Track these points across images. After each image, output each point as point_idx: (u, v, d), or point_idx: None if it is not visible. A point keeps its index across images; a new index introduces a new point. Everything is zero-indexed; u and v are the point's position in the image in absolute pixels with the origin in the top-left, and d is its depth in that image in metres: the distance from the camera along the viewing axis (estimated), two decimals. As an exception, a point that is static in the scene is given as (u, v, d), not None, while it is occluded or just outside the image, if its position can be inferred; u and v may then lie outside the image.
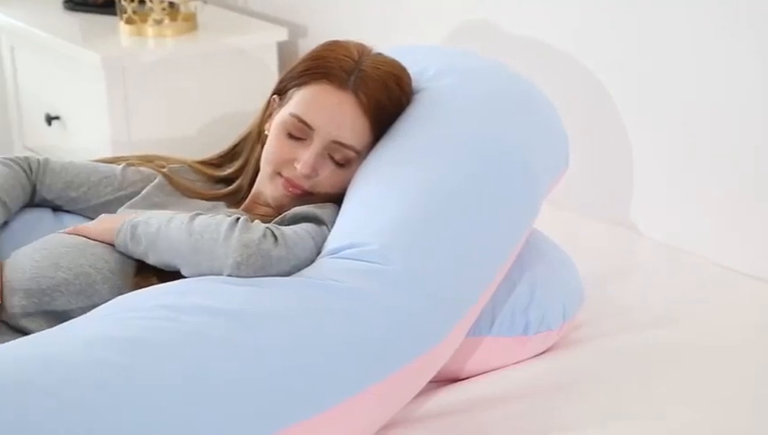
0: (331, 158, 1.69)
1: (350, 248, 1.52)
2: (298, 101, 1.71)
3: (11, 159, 1.80)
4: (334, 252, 1.54)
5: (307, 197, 1.70)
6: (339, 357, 1.39)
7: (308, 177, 1.69)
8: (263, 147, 1.77)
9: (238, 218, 1.55)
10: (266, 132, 1.76)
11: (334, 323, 1.41)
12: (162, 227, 1.56)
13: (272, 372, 1.34)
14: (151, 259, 1.57)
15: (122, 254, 1.60)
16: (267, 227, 1.53)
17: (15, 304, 1.56)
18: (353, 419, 1.41)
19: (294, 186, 1.70)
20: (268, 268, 1.49)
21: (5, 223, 1.75)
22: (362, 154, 1.70)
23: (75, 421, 1.22)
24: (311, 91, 1.70)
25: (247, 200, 1.78)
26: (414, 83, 1.77)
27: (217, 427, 1.28)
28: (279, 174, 1.71)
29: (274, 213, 1.70)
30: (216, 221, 1.55)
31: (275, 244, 1.51)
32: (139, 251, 1.58)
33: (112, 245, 1.61)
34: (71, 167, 1.81)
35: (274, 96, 1.77)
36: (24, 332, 1.55)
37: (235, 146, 1.86)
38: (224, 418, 1.29)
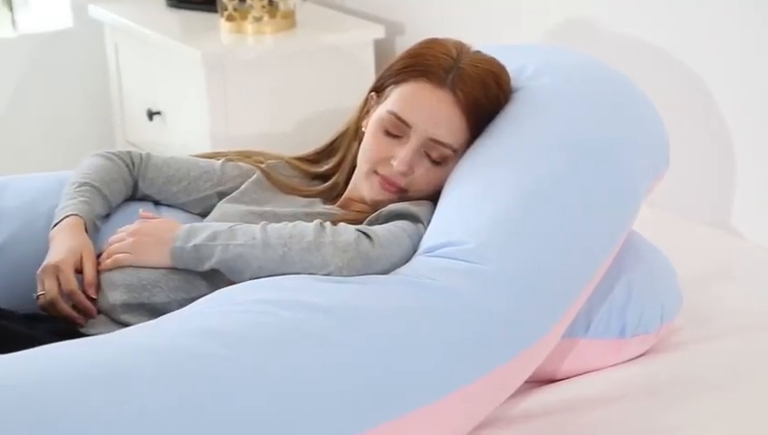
0: (428, 156, 1.69)
1: (446, 247, 1.52)
2: (396, 98, 1.71)
3: (114, 154, 1.83)
4: (430, 250, 1.54)
5: (402, 194, 1.70)
6: (432, 356, 1.39)
7: (404, 174, 1.69)
8: (359, 144, 1.77)
9: (322, 223, 1.55)
10: (363, 129, 1.77)
11: (429, 321, 1.41)
12: (230, 245, 1.55)
13: (365, 369, 1.35)
14: (225, 272, 1.56)
15: None
16: (357, 229, 1.54)
17: (117, 297, 1.60)
18: (444, 419, 1.40)
19: (390, 183, 1.70)
20: (367, 269, 1.50)
21: (107, 216, 1.79)
22: (459, 152, 1.70)
23: (176, 411, 1.24)
24: (408, 89, 1.70)
25: (343, 197, 1.78)
26: (513, 82, 1.75)
27: (310, 423, 1.29)
28: (375, 172, 1.71)
29: (370, 210, 1.71)
30: (298, 230, 1.54)
31: (371, 244, 1.52)
32: (208, 268, 1.56)
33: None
34: (172, 162, 1.84)
35: (372, 93, 1.78)
36: (124, 325, 1.58)
37: (332, 142, 1.86)
38: (316, 414, 1.30)
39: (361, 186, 1.74)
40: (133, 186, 1.83)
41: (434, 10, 2.73)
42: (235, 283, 1.54)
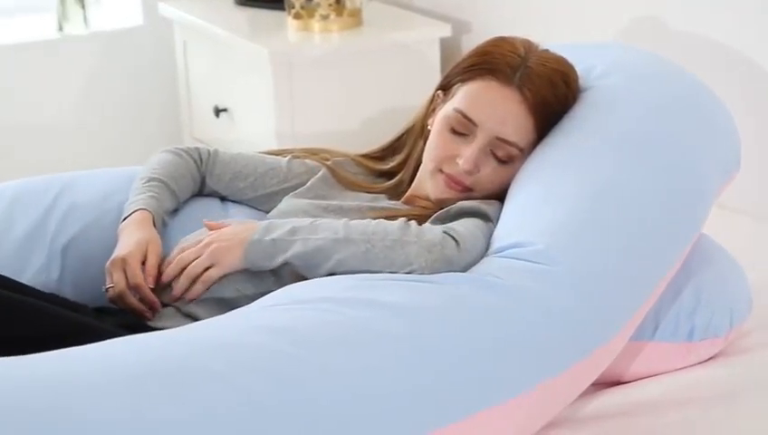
0: (494, 154, 1.68)
1: (514, 248, 1.51)
2: (462, 96, 1.70)
3: (182, 150, 1.85)
4: (499, 251, 1.53)
5: (468, 193, 1.70)
6: (500, 357, 1.38)
7: (469, 173, 1.68)
8: (425, 142, 1.77)
9: (406, 221, 1.55)
10: (429, 127, 1.77)
11: (497, 322, 1.41)
12: (311, 239, 1.55)
13: (431, 370, 1.34)
14: (302, 266, 1.56)
15: None
16: (443, 229, 1.53)
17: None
18: (511, 420, 1.40)
19: (456, 182, 1.69)
20: (448, 271, 1.50)
21: (175, 211, 1.80)
22: (525, 152, 1.69)
23: (244, 409, 1.25)
24: (475, 87, 1.69)
25: (407, 194, 1.78)
26: (581, 81, 1.74)
27: (376, 423, 1.29)
28: (440, 171, 1.70)
29: (435, 207, 1.71)
30: (382, 227, 1.54)
31: (457, 247, 1.51)
32: (280, 263, 1.56)
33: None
34: (239, 158, 1.85)
35: (438, 91, 1.78)
36: (192, 317, 1.59)
37: (398, 139, 1.86)
38: (383, 414, 1.29)
39: (426, 184, 1.73)
40: (201, 181, 1.85)
41: (501, 8, 2.72)
42: (304, 278, 1.55)
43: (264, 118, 2.71)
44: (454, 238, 1.52)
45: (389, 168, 1.85)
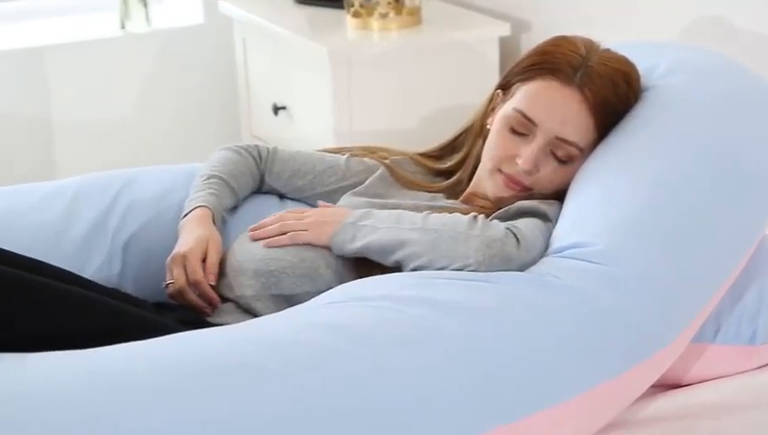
0: (554, 154, 1.67)
1: (574, 248, 1.50)
2: (522, 96, 1.69)
3: (242, 147, 1.86)
4: (558, 251, 1.52)
5: (526, 193, 1.69)
6: (558, 358, 1.38)
7: (529, 173, 1.67)
8: (484, 141, 1.76)
9: (476, 216, 1.55)
10: (488, 127, 1.76)
11: (555, 323, 1.40)
12: (393, 227, 1.57)
13: (487, 369, 1.34)
14: (372, 254, 1.58)
15: None
16: (507, 227, 1.53)
17: (244, 284, 1.62)
18: (568, 422, 1.39)
19: (515, 182, 1.68)
20: (506, 269, 1.49)
21: (234, 209, 1.82)
22: (585, 152, 1.67)
23: (298, 407, 1.25)
24: (535, 87, 1.68)
25: (466, 193, 1.78)
26: (643, 81, 1.72)
27: (431, 422, 1.29)
28: (499, 170, 1.70)
29: (493, 207, 1.70)
30: (453, 219, 1.55)
31: (517, 246, 1.51)
32: (358, 247, 1.58)
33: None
34: (298, 156, 1.86)
35: (498, 91, 1.77)
36: (252, 313, 1.61)
37: (456, 138, 1.86)
38: (438, 413, 1.29)
39: (485, 183, 1.73)
40: (260, 179, 1.86)
41: (561, 7, 2.70)
42: (362, 276, 1.56)
43: (322, 116, 2.72)
44: (516, 236, 1.52)
45: (448, 167, 1.85)
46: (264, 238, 1.64)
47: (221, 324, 1.55)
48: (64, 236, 1.77)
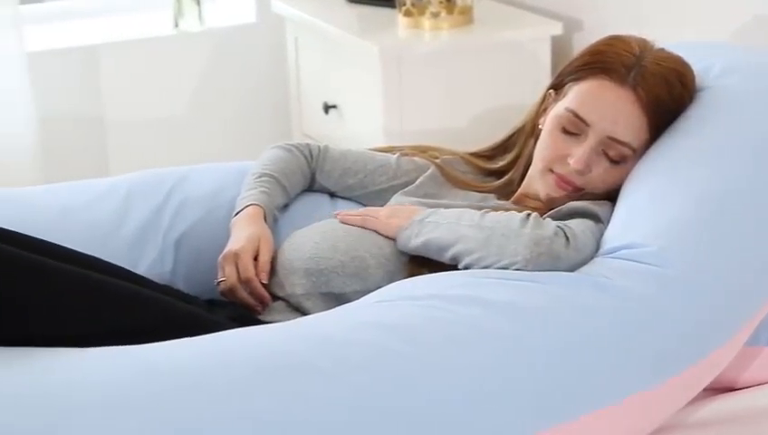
0: (606, 155, 1.66)
1: (626, 249, 1.49)
2: (574, 96, 1.68)
3: (293, 146, 1.87)
4: (610, 252, 1.51)
5: (578, 194, 1.68)
6: (609, 359, 1.37)
7: (581, 173, 1.66)
8: (536, 141, 1.75)
9: (529, 214, 1.55)
10: (540, 127, 1.75)
11: (606, 324, 1.39)
12: (453, 223, 1.58)
13: (540, 369, 1.34)
14: (430, 252, 1.59)
15: None
16: (558, 226, 1.52)
17: (295, 282, 1.63)
18: (619, 424, 1.38)
19: (566, 182, 1.68)
20: (553, 268, 1.49)
21: (285, 207, 1.82)
22: (638, 152, 1.66)
23: (348, 406, 1.25)
24: (588, 86, 1.67)
25: (517, 193, 1.77)
26: (698, 81, 1.70)
27: (485, 422, 1.29)
28: (551, 170, 1.69)
29: (545, 207, 1.69)
30: (508, 217, 1.55)
31: (566, 245, 1.50)
32: (419, 243, 1.60)
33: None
34: (349, 154, 1.87)
35: (550, 91, 1.76)
36: (302, 312, 1.61)
37: (508, 139, 1.85)
38: (492, 413, 1.29)
39: (537, 184, 1.72)
40: (311, 177, 1.86)
41: (614, 6, 2.68)
42: (413, 273, 1.56)
43: (372, 115, 2.72)
44: (566, 235, 1.51)
45: (499, 167, 1.84)
46: (346, 219, 1.69)
47: (271, 322, 1.56)
48: (117, 232, 1.78)
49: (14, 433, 1.17)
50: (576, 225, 1.55)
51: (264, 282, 1.64)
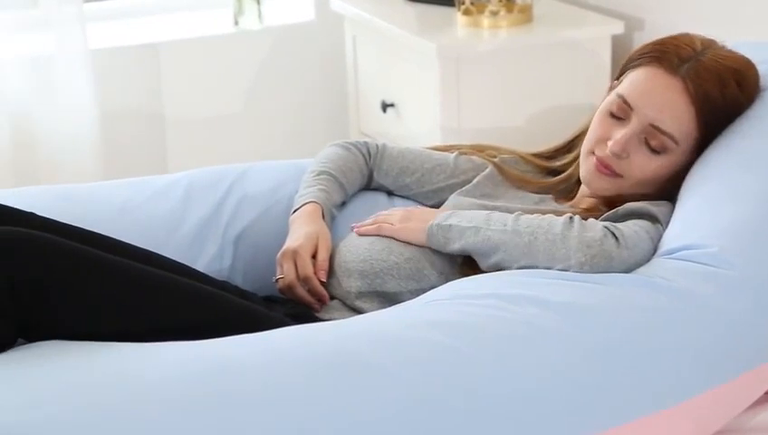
0: (647, 143, 1.64)
1: (686, 250, 1.47)
2: (627, 82, 1.68)
3: (351, 144, 1.87)
4: (670, 253, 1.50)
5: (617, 180, 1.65)
6: (668, 361, 1.36)
7: (617, 156, 1.64)
8: None
9: (571, 217, 1.53)
10: None
11: (665, 324, 1.38)
12: (482, 229, 1.56)
13: (598, 370, 1.33)
14: (473, 255, 1.58)
15: None
16: (605, 226, 1.51)
17: (350, 283, 1.63)
18: (677, 426, 1.37)
19: (604, 165, 1.66)
20: (608, 269, 1.48)
21: (343, 205, 1.83)
22: (682, 146, 1.64)
23: (405, 400, 1.25)
24: (640, 73, 1.66)
25: (578, 195, 1.76)
26: (763, 82, 1.67)
27: (540, 421, 1.28)
28: (593, 153, 1.68)
29: (603, 205, 1.68)
30: (547, 221, 1.54)
31: (617, 244, 1.49)
32: (456, 249, 1.59)
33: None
34: (407, 153, 1.87)
35: (615, 82, 1.75)
36: (358, 311, 1.62)
37: (573, 139, 1.83)
38: (548, 413, 1.28)
39: (581, 170, 1.70)
40: (369, 175, 1.87)
41: (675, 5, 2.65)
42: (467, 274, 1.55)
43: (430, 113, 2.71)
44: (614, 235, 1.50)
45: (560, 165, 1.82)
46: (362, 231, 1.68)
47: (328, 320, 1.56)
48: (177, 228, 1.80)
49: (91, 426, 1.18)
50: (627, 225, 1.54)
51: (323, 280, 1.65)
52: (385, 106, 2.91)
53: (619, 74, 1.74)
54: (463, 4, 2.75)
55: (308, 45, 3.20)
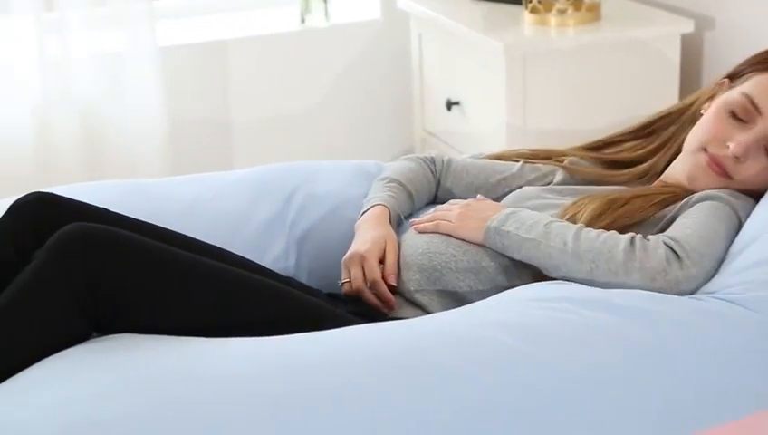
0: (766, 151, 1.61)
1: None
2: (755, 83, 1.64)
3: (420, 158, 1.87)
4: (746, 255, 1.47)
5: (726, 180, 1.62)
6: (740, 370, 1.34)
7: (737, 160, 1.61)
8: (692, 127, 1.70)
9: (632, 240, 1.50)
10: (702, 112, 1.70)
11: (740, 333, 1.37)
12: (542, 244, 1.54)
13: (668, 380, 1.31)
14: (534, 265, 1.56)
15: None
16: (667, 246, 1.48)
17: (410, 278, 1.63)
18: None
19: (718, 164, 1.62)
20: (680, 292, 1.46)
21: (410, 216, 1.81)
22: None
23: (473, 402, 1.25)
24: None
25: (656, 181, 1.72)
26: None
27: (610, 427, 1.27)
28: (705, 150, 1.64)
29: (681, 192, 1.64)
30: (608, 246, 1.50)
31: (680, 266, 1.46)
32: (516, 258, 1.58)
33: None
34: (471, 167, 1.85)
35: (725, 79, 1.71)
36: (419, 306, 1.61)
37: (655, 121, 1.80)
38: (618, 420, 1.27)
39: (684, 164, 1.67)
40: (436, 190, 1.86)
41: (747, 3, 2.60)
42: (535, 279, 1.54)
43: (495, 112, 2.70)
44: (677, 255, 1.47)
45: (638, 155, 1.79)
46: (420, 228, 1.67)
47: (393, 318, 1.56)
48: (245, 225, 1.81)
49: (163, 422, 1.19)
50: (694, 233, 1.51)
51: (393, 284, 1.64)
52: (450, 104, 2.90)
53: (735, 73, 1.70)
54: (530, 2, 2.73)
55: (374, 43, 3.21)
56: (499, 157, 1.89)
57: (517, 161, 1.84)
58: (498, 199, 1.78)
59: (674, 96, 2.66)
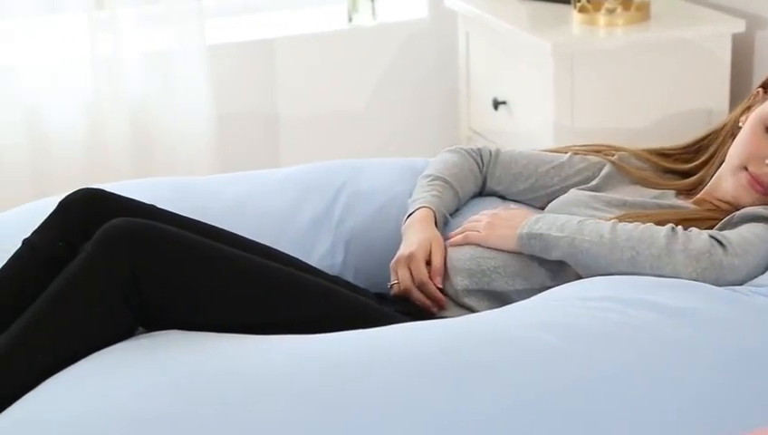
0: None
1: None
2: None
3: (465, 151, 1.86)
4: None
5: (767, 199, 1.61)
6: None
7: None
8: (734, 140, 1.68)
9: (673, 227, 1.49)
10: (741, 125, 1.68)
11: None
12: (577, 239, 1.53)
13: (713, 380, 1.30)
14: (572, 264, 1.56)
15: None
16: (711, 235, 1.47)
17: (459, 282, 1.63)
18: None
19: (759, 183, 1.61)
20: (721, 279, 1.44)
21: (456, 211, 1.81)
22: None
23: (512, 401, 1.25)
24: None
25: (701, 193, 1.71)
26: None
27: (650, 429, 1.26)
28: (744, 168, 1.62)
29: (729, 209, 1.63)
30: (648, 234, 1.50)
31: (725, 252, 1.46)
32: (553, 257, 1.57)
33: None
34: (519, 158, 1.84)
35: (759, 89, 1.69)
36: (467, 308, 1.61)
37: (703, 139, 1.78)
38: (655, 419, 1.26)
39: (727, 182, 1.65)
40: (482, 182, 1.85)
41: (801, 4, 2.57)
42: (582, 276, 1.53)
43: (542, 112, 2.69)
44: (720, 243, 1.46)
45: (688, 167, 1.77)
46: (450, 242, 1.67)
47: (440, 317, 1.56)
48: (292, 222, 1.82)
49: (205, 420, 1.20)
50: (739, 232, 1.50)
51: (440, 286, 1.64)
52: (497, 104, 2.89)
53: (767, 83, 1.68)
54: (579, 1, 2.72)
55: (421, 42, 3.20)
56: (551, 151, 1.88)
57: (566, 153, 1.83)
58: (548, 195, 1.78)
59: (724, 97, 2.63)
